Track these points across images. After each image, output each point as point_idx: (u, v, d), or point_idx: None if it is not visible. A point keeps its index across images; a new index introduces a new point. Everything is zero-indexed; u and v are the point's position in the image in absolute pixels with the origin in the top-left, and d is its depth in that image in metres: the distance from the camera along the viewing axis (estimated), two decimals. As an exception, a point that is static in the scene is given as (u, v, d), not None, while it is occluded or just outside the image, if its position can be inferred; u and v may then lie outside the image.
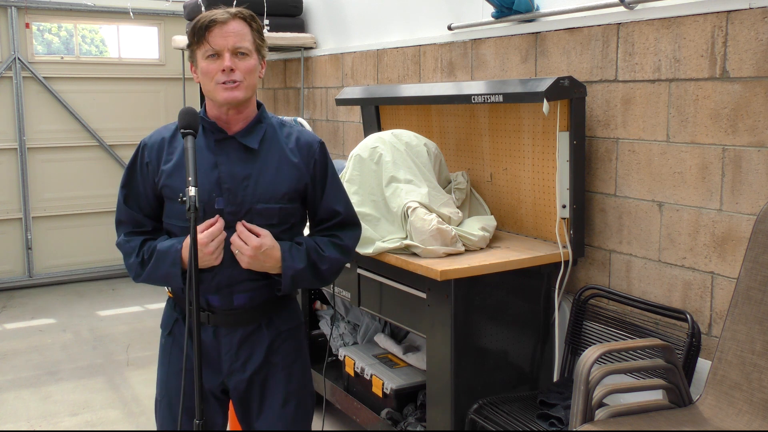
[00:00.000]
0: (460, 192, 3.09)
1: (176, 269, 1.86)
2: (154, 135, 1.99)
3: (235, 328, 1.95)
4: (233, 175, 1.88)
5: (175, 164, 1.91)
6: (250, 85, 1.87)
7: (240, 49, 1.83)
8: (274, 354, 2.00)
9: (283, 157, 1.92)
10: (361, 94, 3.73)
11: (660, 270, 2.63)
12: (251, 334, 1.98)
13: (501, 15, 3.19)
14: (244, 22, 1.86)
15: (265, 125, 1.95)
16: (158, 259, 1.89)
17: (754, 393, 2.05)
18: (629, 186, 2.72)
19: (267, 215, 1.89)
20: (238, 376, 1.98)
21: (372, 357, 3.27)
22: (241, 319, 1.95)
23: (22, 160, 5.76)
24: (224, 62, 1.82)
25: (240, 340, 1.96)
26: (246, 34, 1.85)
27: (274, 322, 2.00)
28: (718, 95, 2.39)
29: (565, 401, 2.51)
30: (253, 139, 1.91)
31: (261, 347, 1.98)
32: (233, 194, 1.87)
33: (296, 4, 5.07)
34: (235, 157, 1.89)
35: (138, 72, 6.15)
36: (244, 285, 1.92)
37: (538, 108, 2.85)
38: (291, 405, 2.02)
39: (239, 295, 1.93)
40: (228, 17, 1.83)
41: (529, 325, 2.79)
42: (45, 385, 4.00)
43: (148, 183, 1.95)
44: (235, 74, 1.83)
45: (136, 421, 3.56)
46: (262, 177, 1.89)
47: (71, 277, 6.07)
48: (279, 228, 1.92)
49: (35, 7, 5.67)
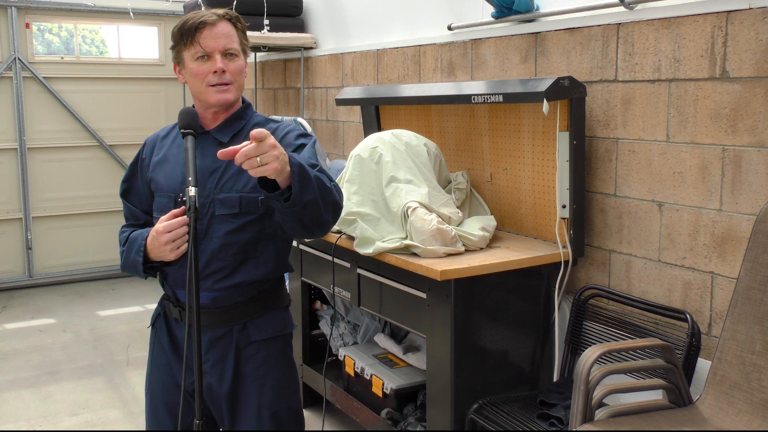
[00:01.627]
0: (460, 192, 3.09)
1: (139, 257, 1.87)
2: (154, 134, 2.04)
3: (204, 329, 1.89)
4: (203, 169, 1.88)
5: (161, 159, 1.96)
6: (240, 85, 1.89)
7: (230, 50, 1.85)
8: (243, 364, 1.95)
9: None
10: (361, 94, 3.73)
11: (660, 270, 2.63)
12: (220, 338, 1.93)
13: (501, 15, 3.19)
14: (231, 23, 1.88)
15: (244, 122, 1.94)
16: (128, 247, 1.92)
17: (754, 393, 2.05)
18: (629, 186, 2.72)
19: (228, 204, 1.87)
20: (209, 381, 1.94)
21: (372, 357, 3.27)
22: (210, 320, 1.90)
23: (22, 160, 5.76)
24: (216, 64, 1.82)
25: (209, 342, 1.92)
26: (234, 35, 1.87)
27: (247, 329, 1.95)
28: (718, 95, 2.39)
29: (565, 401, 2.51)
30: (226, 134, 1.91)
31: (230, 354, 1.93)
32: (201, 187, 1.86)
33: (296, 4, 5.07)
34: (208, 152, 1.88)
35: (138, 72, 6.15)
36: (208, 283, 1.88)
37: (538, 108, 2.85)
38: (264, 416, 1.95)
39: (205, 293, 1.88)
40: (216, 19, 1.84)
41: (529, 325, 2.79)
42: (45, 385, 4.00)
43: (144, 178, 2.00)
44: (226, 76, 1.84)
45: (136, 421, 3.56)
46: (229, 169, 1.88)
47: (71, 277, 6.07)
48: (243, 218, 1.87)
49: (35, 7, 5.67)
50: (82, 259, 6.10)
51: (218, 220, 1.87)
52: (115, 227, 6.54)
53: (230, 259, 1.89)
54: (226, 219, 1.87)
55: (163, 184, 1.93)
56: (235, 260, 1.89)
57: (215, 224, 1.87)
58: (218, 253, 1.87)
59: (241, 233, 1.88)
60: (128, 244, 1.93)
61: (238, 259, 1.89)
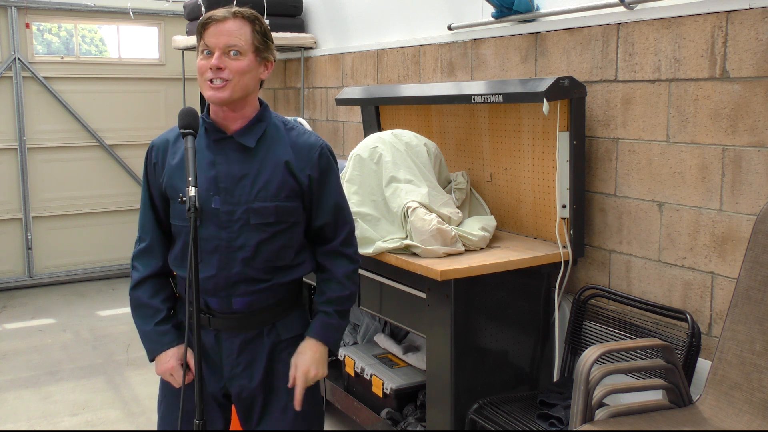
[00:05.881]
0: (460, 192, 3.09)
1: (148, 354, 2.03)
2: (161, 137, 2.00)
3: (235, 333, 1.94)
4: (230, 175, 1.87)
5: (177, 164, 1.92)
6: (240, 85, 1.83)
7: (232, 48, 1.81)
8: (275, 362, 1.98)
9: (281, 155, 1.90)
10: (361, 94, 3.73)
11: (660, 270, 2.63)
12: (252, 341, 1.96)
13: (501, 15, 3.19)
14: (245, 22, 1.84)
15: (265, 124, 1.93)
16: (142, 330, 2.07)
17: (754, 393, 2.05)
18: (629, 186, 2.72)
19: (264, 213, 1.88)
20: (241, 382, 1.96)
21: (372, 357, 3.27)
22: (242, 324, 1.93)
23: (22, 160, 5.76)
24: (212, 60, 1.81)
25: (240, 346, 1.95)
26: (244, 34, 1.83)
27: (277, 329, 1.98)
28: (718, 95, 2.39)
29: (565, 401, 2.51)
30: (251, 138, 1.89)
31: (262, 354, 1.96)
32: (230, 193, 1.87)
33: (296, 4, 5.07)
34: (233, 157, 1.88)
35: (138, 72, 6.15)
36: (242, 288, 1.90)
37: (538, 108, 2.85)
38: (290, 413, 1.98)
39: (238, 299, 1.91)
40: (226, 16, 1.82)
41: (529, 325, 2.79)
42: (45, 385, 4.00)
43: (156, 184, 1.97)
44: (223, 73, 1.81)
45: (136, 421, 3.56)
46: (259, 176, 1.88)
47: (71, 277, 6.07)
48: (276, 227, 1.90)
49: (35, 7, 5.67)
50: (82, 259, 6.10)
51: (251, 229, 1.88)
52: (115, 227, 6.49)
53: (263, 265, 1.91)
54: (260, 228, 1.88)
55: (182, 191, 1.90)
56: (268, 266, 1.91)
57: (247, 232, 1.88)
58: (252, 261, 1.89)
59: (273, 241, 1.90)
60: (142, 329, 2.07)
61: (271, 265, 1.92)
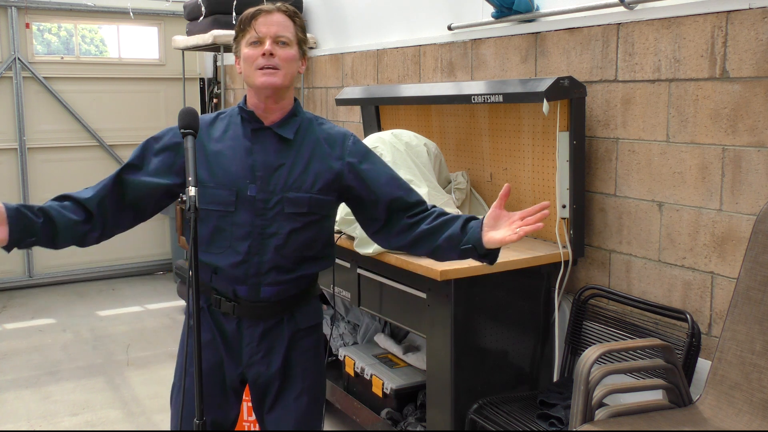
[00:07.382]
0: (460, 192, 3.09)
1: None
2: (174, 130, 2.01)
3: (257, 321, 1.99)
4: (267, 164, 1.93)
5: (218, 151, 1.96)
6: (289, 73, 1.93)
7: (281, 38, 1.91)
8: (293, 350, 2.04)
9: (316, 148, 1.98)
10: (361, 94, 3.73)
11: (660, 270, 2.63)
12: (272, 328, 2.01)
13: (501, 15, 3.19)
14: (287, 16, 1.96)
15: (300, 118, 2.00)
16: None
17: (754, 393, 2.05)
18: (629, 186, 2.72)
19: (297, 203, 1.93)
20: (259, 369, 2.01)
21: (372, 357, 3.27)
22: (265, 312, 1.99)
23: (22, 160, 5.76)
24: (265, 47, 1.90)
25: (262, 333, 2.00)
26: (289, 26, 1.95)
27: (295, 317, 2.03)
28: (718, 95, 2.39)
29: (565, 401, 2.51)
30: (289, 130, 1.96)
31: (281, 342, 2.01)
32: (265, 182, 1.92)
33: (296, 4, 5.07)
34: (270, 147, 1.95)
35: (138, 72, 6.15)
36: (272, 277, 1.95)
37: (538, 108, 2.85)
38: (303, 400, 2.04)
39: (266, 288, 1.95)
40: (273, 9, 1.94)
41: (529, 325, 2.79)
42: (45, 385, 4.00)
43: (156, 166, 1.99)
44: (275, 60, 1.89)
45: (136, 421, 3.56)
46: (295, 167, 1.95)
47: (71, 277, 6.07)
48: (307, 218, 1.95)
49: (35, 7, 5.67)
50: (82, 259, 6.10)
51: (284, 218, 1.93)
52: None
53: (293, 254, 1.96)
54: (292, 217, 1.93)
55: (222, 178, 1.94)
56: (297, 255, 1.96)
57: (280, 221, 1.93)
58: (282, 249, 1.94)
59: (305, 231, 1.96)
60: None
61: (300, 254, 1.97)
